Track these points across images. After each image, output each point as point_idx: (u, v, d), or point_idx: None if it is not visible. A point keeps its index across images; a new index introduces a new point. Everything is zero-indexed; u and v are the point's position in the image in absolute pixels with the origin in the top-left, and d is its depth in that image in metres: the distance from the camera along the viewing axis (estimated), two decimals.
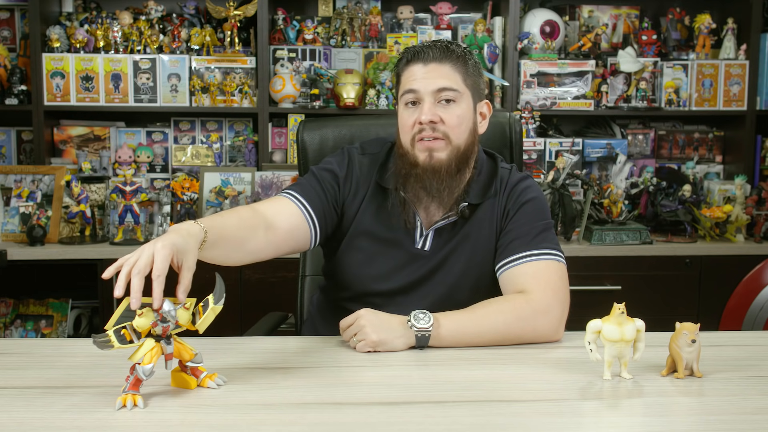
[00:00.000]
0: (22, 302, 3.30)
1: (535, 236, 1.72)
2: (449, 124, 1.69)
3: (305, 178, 1.80)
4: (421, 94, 1.69)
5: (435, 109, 1.69)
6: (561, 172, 3.24)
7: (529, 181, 1.81)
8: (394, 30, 3.59)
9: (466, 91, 1.72)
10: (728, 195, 3.40)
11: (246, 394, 1.34)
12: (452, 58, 1.71)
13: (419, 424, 1.22)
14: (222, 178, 3.35)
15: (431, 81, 1.69)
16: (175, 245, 1.36)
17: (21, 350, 1.60)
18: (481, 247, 1.76)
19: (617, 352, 1.39)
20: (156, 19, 3.47)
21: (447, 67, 1.70)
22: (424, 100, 1.69)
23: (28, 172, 3.23)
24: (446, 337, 1.58)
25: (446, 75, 1.70)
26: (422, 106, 1.69)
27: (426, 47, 1.72)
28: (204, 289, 1.40)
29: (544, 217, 1.76)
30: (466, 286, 1.75)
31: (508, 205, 1.77)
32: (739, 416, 1.25)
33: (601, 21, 3.63)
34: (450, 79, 1.70)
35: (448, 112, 1.70)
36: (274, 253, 1.67)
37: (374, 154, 1.83)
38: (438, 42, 1.75)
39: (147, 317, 1.29)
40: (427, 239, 1.76)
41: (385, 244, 1.76)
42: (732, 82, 3.52)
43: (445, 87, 1.69)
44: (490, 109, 1.81)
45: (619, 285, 3.13)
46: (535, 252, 1.69)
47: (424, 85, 1.69)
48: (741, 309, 2.77)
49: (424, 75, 1.69)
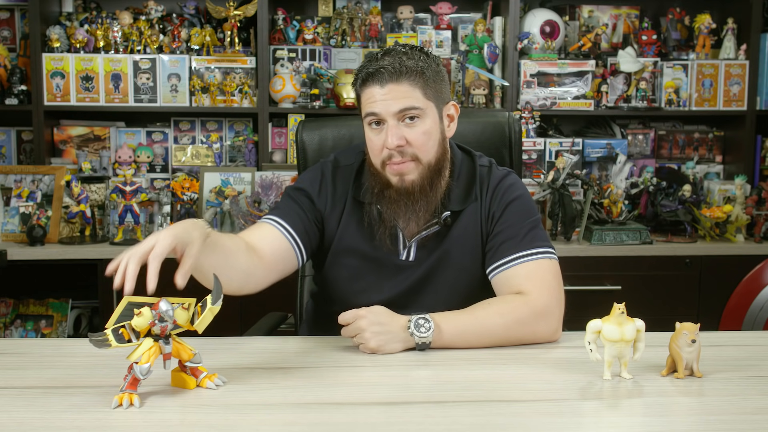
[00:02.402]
0: (22, 302, 3.30)
1: (524, 236, 1.70)
2: (416, 144, 1.65)
3: (282, 200, 1.79)
4: (382, 116, 1.64)
5: (399, 130, 1.64)
6: (561, 172, 3.24)
7: (512, 178, 1.78)
8: (394, 30, 3.59)
9: (429, 104, 1.66)
10: (728, 195, 3.40)
11: (246, 394, 1.34)
12: (409, 75, 1.63)
13: (419, 424, 1.22)
14: (222, 178, 3.35)
15: (391, 103, 1.63)
16: (178, 236, 1.37)
17: (21, 350, 1.60)
18: (468, 252, 1.74)
19: (617, 352, 1.39)
20: (156, 19, 3.47)
21: (405, 85, 1.63)
22: (387, 121, 1.64)
23: (28, 172, 3.23)
24: (446, 341, 1.57)
25: (405, 94, 1.63)
26: (386, 129, 1.64)
27: (380, 67, 1.63)
28: (203, 290, 1.40)
29: (531, 214, 1.74)
30: (457, 292, 1.73)
31: (493, 207, 1.74)
32: (739, 416, 1.25)
33: (601, 21, 3.63)
34: (410, 98, 1.63)
35: (414, 131, 1.65)
36: (264, 277, 1.65)
37: (349, 165, 1.79)
38: (392, 54, 1.66)
39: (145, 317, 1.29)
40: (410, 250, 1.74)
41: (369, 258, 1.74)
42: (732, 82, 3.52)
43: (405, 107, 1.63)
44: (457, 109, 1.75)
45: (619, 285, 3.13)
46: (526, 252, 1.68)
47: (384, 107, 1.63)
48: (741, 309, 2.77)
49: (382, 97, 1.63)
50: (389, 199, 1.69)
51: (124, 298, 1.35)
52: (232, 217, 3.27)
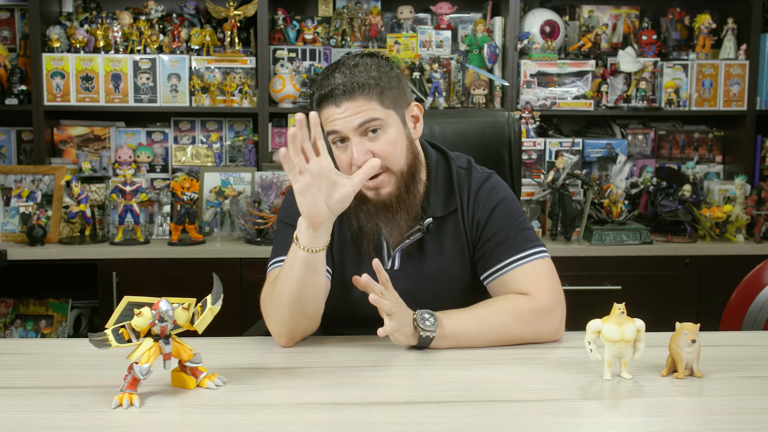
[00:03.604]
0: (22, 302, 3.30)
1: (514, 239, 1.68)
2: (383, 156, 1.62)
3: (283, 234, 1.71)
4: (344, 133, 1.61)
5: (363, 145, 1.60)
6: (561, 172, 3.24)
7: (493, 181, 1.75)
8: (394, 30, 3.59)
9: (389, 112, 1.63)
10: (728, 195, 3.40)
11: (246, 394, 1.34)
12: (362, 90, 1.60)
13: (419, 424, 1.22)
14: (222, 178, 3.35)
15: (350, 119, 1.60)
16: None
17: (21, 350, 1.60)
18: (454, 259, 1.72)
19: (617, 352, 1.39)
20: (156, 19, 3.47)
21: (360, 100, 1.60)
22: (351, 138, 1.61)
23: (28, 172, 3.23)
24: (448, 336, 1.57)
25: (362, 108, 1.60)
26: (351, 147, 1.61)
27: (332, 87, 1.60)
28: (203, 290, 1.40)
29: (517, 215, 1.72)
30: (444, 300, 1.68)
31: (477, 214, 1.71)
32: (739, 416, 1.25)
33: (601, 21, 3.63)
34: (367, 110, 1.60)
35: (378, 143, 1.62)
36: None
37: None
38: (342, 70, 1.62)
39: (145, 317, 1.29)
40: (394, 259, 1.72)
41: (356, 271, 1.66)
42: (732, 82, 3.52)
43: (365, 121, 1.60)
44: (420, 108, 1.71)
45: (619, 285, 3.13)
46: (520, 255, 1.67)
47: (343, 125, 1.60)
48: (741, 309, 2.77)
49: (340, 115, 1.60)
50: (368, 212, 1.67)
51: (124, 298, 1.36)
52: (232, 217, 3.27)
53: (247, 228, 3.16)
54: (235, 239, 3.24)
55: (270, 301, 1.62)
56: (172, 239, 3.13)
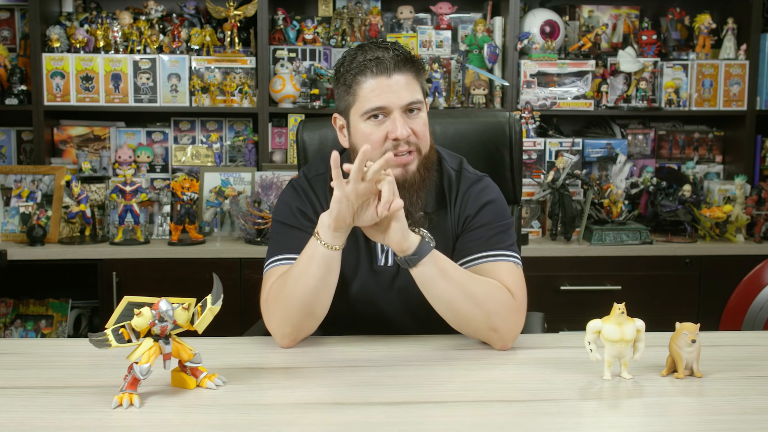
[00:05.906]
0: (22, 302, 3.30)
1: (495, 236, 1.67)
2: (419, 135, 1.64)
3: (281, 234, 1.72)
4: (390, 108, 1.61)
5: (406, 121, 1.62)
6: (561, 172, 3.24)
7: (484, 183, 1.75)
8: (394, 30, 3.59)
9: (423, 96, 1.67)
10: (728, 195, 3.40)
11: (246, 394, 1.34)
12: (412, 65, 1.63)
13: (419, 424, 1.23)
14: (222, 178, 3.35)
15: (400, 95, 1.61)
16: None
17: (21, 350, 1.61)
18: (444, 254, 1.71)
19: (617, 352, 1.39)
20: (156, 19, 3.47)
21: (410, 74, 1.63)
22: (394, 113, 1.61)
23: (28, 172, 3.23)
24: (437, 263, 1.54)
25: (410, 86, 1.62)
26: (393, 120, 1.61)
27: (379, 57, 1.61)
28: (203, 290, 1.40)
29: (503, 218, 1.72)
30: None
31: (466, 211, 1.71)
32: (739, 416, 1.25)
33: (601, 21, 3.63)
34: (415, 91, 1.63)
35: (416, 122, 1.64)
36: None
37: (321, 174, 1.75)
38: (381, 46, 1.64)
39: (145, 317, 1.29)
40: (388, 254, 1.72)
41: (348, 268, 1.69)
42: (732, 82, 3.52)
43: (413, 101, 1.62)
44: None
45: (619, 285, 3.13)
46: (499, 252, 1.66)
47: (393, 100, 1.60)
48: (741, 309, 2.77)
49: (389, 88, 1.60)
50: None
51: (124, 298, 1.36)
52: (232, 217, 3.27)
53: (247, 228, 3.16)
54: (235, 239, 3.24)
55: (277, 300, 1.60)
56: (172, 239, 3.13)
